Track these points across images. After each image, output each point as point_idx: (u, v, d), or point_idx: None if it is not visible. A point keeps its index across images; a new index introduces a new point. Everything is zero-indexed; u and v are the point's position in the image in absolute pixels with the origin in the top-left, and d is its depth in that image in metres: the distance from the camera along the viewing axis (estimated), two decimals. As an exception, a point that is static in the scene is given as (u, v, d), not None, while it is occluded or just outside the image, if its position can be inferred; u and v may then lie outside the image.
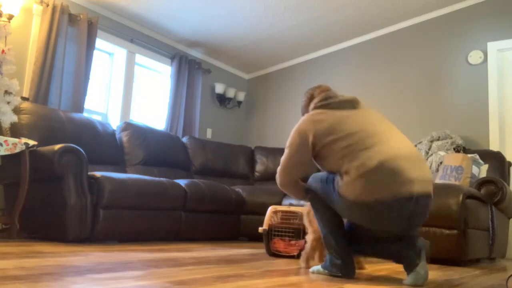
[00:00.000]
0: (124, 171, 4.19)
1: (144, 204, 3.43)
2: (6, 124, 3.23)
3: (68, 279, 1.59)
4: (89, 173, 3.25)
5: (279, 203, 4.30)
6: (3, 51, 3.16)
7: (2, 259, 2.01)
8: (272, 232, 3.02)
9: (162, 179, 3.70)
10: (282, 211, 3.07)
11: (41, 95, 3.86)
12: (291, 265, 2.57)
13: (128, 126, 4.41)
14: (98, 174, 3.25)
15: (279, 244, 3.00)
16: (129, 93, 4.89)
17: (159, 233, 3.61)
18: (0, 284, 1.42)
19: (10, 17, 3.50)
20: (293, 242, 2.98)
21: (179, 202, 3.72)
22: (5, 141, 3.03)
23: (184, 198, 3.76)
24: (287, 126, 5.93)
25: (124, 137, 4.36)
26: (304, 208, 2.57)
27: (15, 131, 3.45)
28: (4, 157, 3.32)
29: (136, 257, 2.45)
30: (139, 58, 5.04)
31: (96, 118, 4.43)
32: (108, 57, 4.90)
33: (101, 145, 4.01)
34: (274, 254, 2.98)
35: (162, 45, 5.25)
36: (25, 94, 3.84)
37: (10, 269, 1.72)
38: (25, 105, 3.59)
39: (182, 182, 3.89)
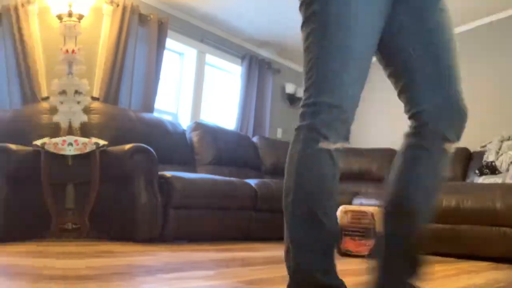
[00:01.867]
0: (194, 171, 4.11)
1: (214, 203, 3.35)
2: (76, 124, 3.22)
3: (138, 279, 1.56)
4: (159, 172, 3.17)
5: (349, 203, 4.06)
6: (73, 51, 3.17)
7: (74, 259, 2.04)
8: (342, 232, 2.99)
9: (232, 178, 3.63)
10: (353, 211, 3.05)
11: (111, 95, 3.85)
12: (362, 264, 2.35)
13: (199, 126, 4.34)
14: (168, 174, 3.19)
15: (350, 244, 2.97)
16: (199, 93, 4.82)
17: (229, 233, 3.51)
18: (73, 283, 1.41)
19: (80, 17, 3.50)
20: (363, 241, 2.94)
21: (249, 201, 3.60)
22: (75, 141, 3.01)
23: (255, 197, 3.64)
24: (355, 124, 5.60)
25: (194, 137, 4.29)
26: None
27: (85, 130, 3.43)
28: (74, 157, 3.30)
29: (205, 256, 2.40)
30: (209, 58, 4.96)
31: (166, 118, 4.37)
32: (178, 57, 4.87)
33: (171, 145, 3.96)
34: (345, 254, 2.94)
35: (232, 45, 5.15)
36: (95, 94, 3.83)
37: (81, 269, 1.69)
38: (95, 105, 3.58)
39: (252, 182, 3.77)
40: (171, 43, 4.59)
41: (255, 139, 4.90)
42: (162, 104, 4.60)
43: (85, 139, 3.08)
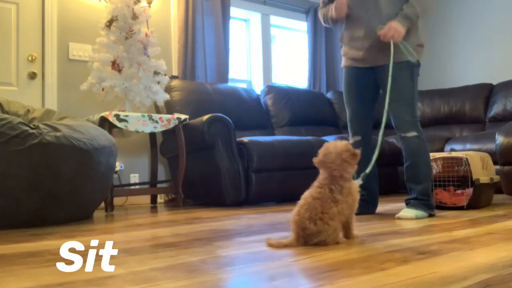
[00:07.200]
0: (273, 134, 4.23)
1: (293, 164, 3.43)
2: (160, 103, 3.46)
3: (216, 243, 1.62)
4: (237, 139, 3.34)
5: (441, 150, 3.91)
6: (146, 34, 3.35)
7: (164, 227, 2.16)
8: (433, 183, 2.74)
9: (308, 137, 3.66)
10: (443, 158, 2.78)
11: (188, 71, 4.06)
12: (457, 217, 2.30)
13: (271, 89, 4.43)
14: (245, 139, 3.34)
15: (443, 195, 2.75)
16: (268, 56, 4.88)
17: (313, 192, 3.58)
18: (152, 252, 1.50)
19: (150, 1, 3.70)
20: (459, 191, 2.69)
21: (329, 159, 3.62)
22: (160, 118, 3.25)
23: (333, 154, 3.65)
24: (430, 66, 5.35)
25: (268, 100, 4.39)
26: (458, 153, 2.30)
27: (169, 108, 3.70)
28: (164, 133, 3.58)
29: (287, 217, 2.43)
30: (274, 19, 4.97)
31: (241, 86, 4.51)
32: (244, 25, 4.94)
33: (247, 111, 4.11)
34: (438, 206, 2.73)
35: (294, 1, 5.07)
36: (174, 72, 4.07)
37: (166, 237, 1.83)
38: (175, 82, 3.82)
39: (330, 138, 3.77)
40: (236, 12, 4.66)
41: (329, 95, 4.87)
42: (235, 73, 4.75)
43: (168, 116, 3.31)
